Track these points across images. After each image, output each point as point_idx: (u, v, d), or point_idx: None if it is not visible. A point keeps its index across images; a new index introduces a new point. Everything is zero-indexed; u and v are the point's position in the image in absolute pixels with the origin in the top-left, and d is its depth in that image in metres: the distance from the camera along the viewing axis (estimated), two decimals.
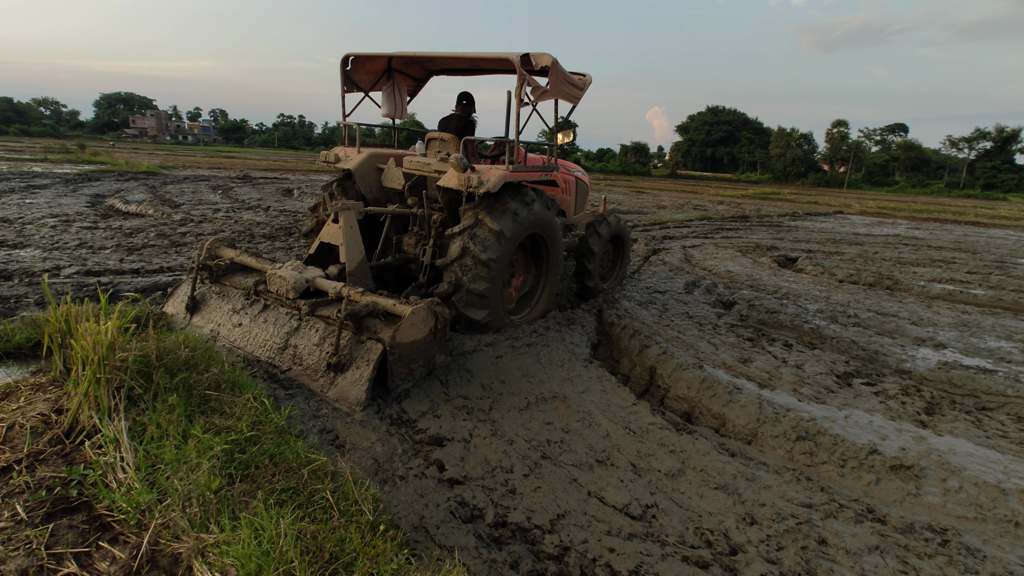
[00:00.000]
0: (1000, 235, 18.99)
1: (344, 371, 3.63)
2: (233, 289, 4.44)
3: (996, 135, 61.55)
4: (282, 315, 4.08)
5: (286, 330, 3.98)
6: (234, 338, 4.15)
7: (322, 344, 3.80)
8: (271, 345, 3.93)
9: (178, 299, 4.69)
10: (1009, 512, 2.92)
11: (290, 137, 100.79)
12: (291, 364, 3.82)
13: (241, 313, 4.24)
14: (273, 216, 11.75)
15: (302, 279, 4.12)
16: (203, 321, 4.41)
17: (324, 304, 4.04)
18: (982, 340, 6.02)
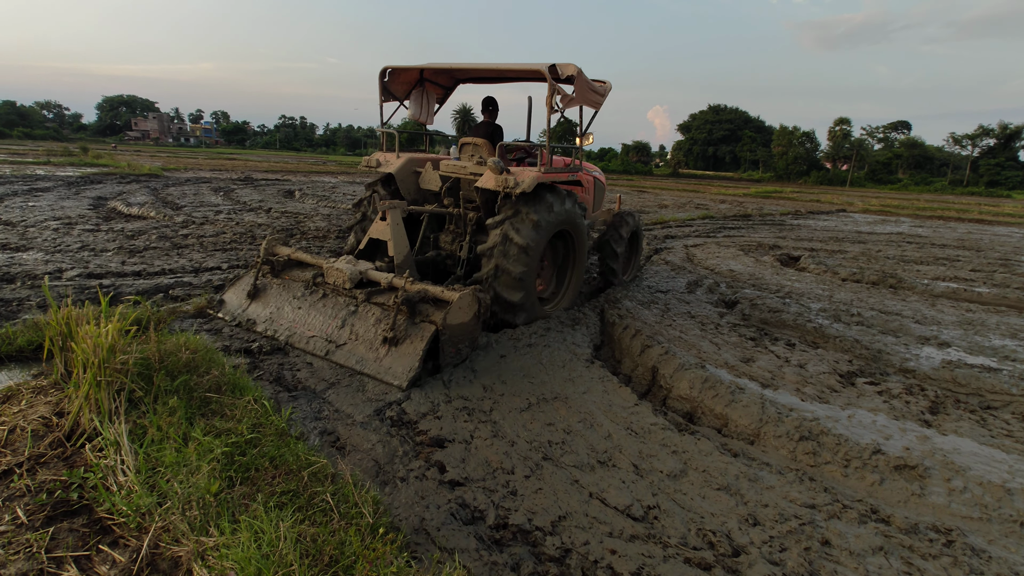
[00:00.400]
0: (1004, 232, 18.90)
1: (398, 345, 4.11)
2: (292, 281, 4.98)
3: (1000, 132, 61.31)
4: (339, 302, 4.60)
5: (343, 314, 4.50)
6: (290, 318, 4.71)
7: (378, 325, 4.30)
8: (329, 326, 4.49)
9: (239, 288, 5.18)
10: (1015, 512, 2.90)
11: (291, 139, 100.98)
12: (347, 339, 4.35)
13: (301, 299, 4.79)
14: (274, 218, 11.77)
15: (356, 271, 4.66)
16: (261, 307, 4.94)
17: (378, 293, 4.55)
18: (986, 338, 5.98)
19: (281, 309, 4.81)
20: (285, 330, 4.64)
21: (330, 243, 9.21)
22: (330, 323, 4.50)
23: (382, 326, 4.25)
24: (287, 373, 4.04)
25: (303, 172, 29.76)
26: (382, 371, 4.01)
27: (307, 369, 4.14)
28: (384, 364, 4.06)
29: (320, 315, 4.60)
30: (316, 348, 4.38)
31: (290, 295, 4.87)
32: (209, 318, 4.94)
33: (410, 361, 3.97)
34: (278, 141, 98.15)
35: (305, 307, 4.72)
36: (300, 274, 5.02)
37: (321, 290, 4.75)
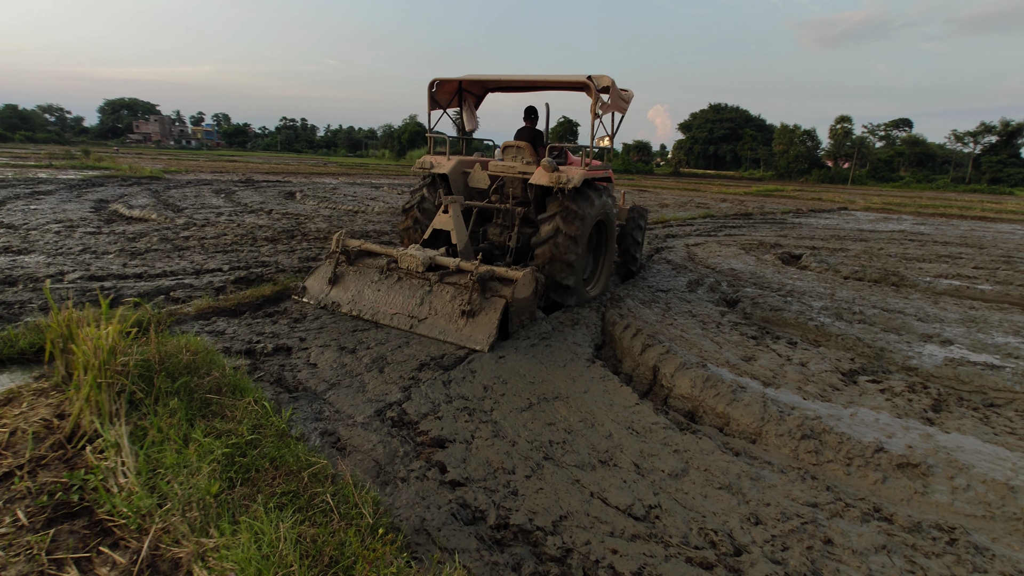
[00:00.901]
0: (1007, 229, 18.84)
1: (475, 317, 4.85)
2: (366, 268, 5.68)
3: (1001, 129, 61.10)
4: (414, 284, 5.32)
5: (420, 293, 5.22)
6: (372, 299, 5.42)
7: (453, 301, 5.03)
8: (409, 304, 5.21)
9: (319, 276, 5.87)
10: (1018, 510, 2.88)
11: (292, 140, 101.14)
12: (428, 314, 5.06)
13: (378, 283, 5.49)
14: (275, 219, 11.78)
15: (427, 256, 5.35)
16: (342, 291, 5.62)
17: (448, 274, 5.26)
18: (989, 336, 5.96)
19: (361, 292, 5.51)
20: (369, 309, 5.33)
21: (330, 244, 9.21)
22: (410, 301, 5.21)
23: (458, 302, 4.98)
24: (288, 374, 4.04)
25: (304, 173, 29.79)
26: (464, 338, 4.75)
27: (308, 370, 4.14)
28: (465, 333, 4.80)
29: (399, 295, 5.31)
30: (400, 323, 5.10)
31: (367, 280, 5.57)
32: (209, 321, 4.95)
33: (488, 329, 4.73)
34: (279, 143, 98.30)
35: (384, 289, 5.42)
36: (372, 262, 5.75)
37: (396, 274, 5.46)
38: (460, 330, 4.82)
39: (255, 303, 5.60)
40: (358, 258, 5.86)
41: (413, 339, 4.85)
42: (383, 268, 5.53)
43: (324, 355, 4.41)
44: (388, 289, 5.39)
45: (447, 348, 4.69)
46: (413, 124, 73.74)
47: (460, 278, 5.18)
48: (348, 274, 5.72)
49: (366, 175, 32.42)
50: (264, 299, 5.73)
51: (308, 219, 12.09)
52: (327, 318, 5.25)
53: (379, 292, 5.41)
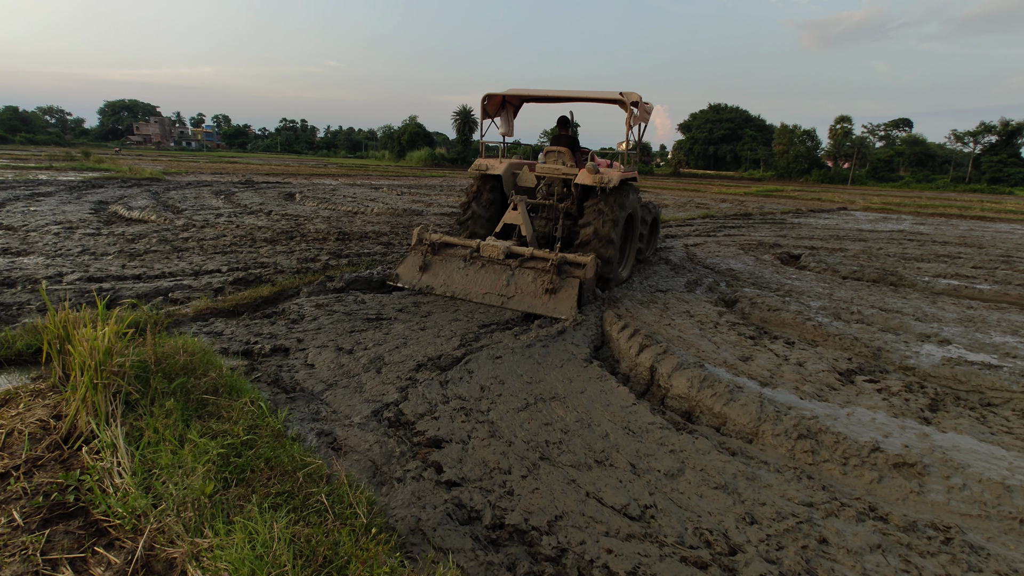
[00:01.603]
0: (1006, 229, 18.83)
1: (556, 293, 5.87)
2: (450, 256, 6.60)
3: (1001, 129, 61.05)
4: (497, 269, 6.29)
5: (505, 276, 6.20)
6: (461, 283, 6.34)
7: (535, 281, 6.04)
8: (497, 285, 6.19)
9: (409, 264, 6.78)
10: (1014, 509, 2.88)
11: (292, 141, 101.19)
12: (513, 292, 6.06)
13: (464, 269, 6.42)
14: (275, 220, 11.79)
15: (506, 246, 6.36)
16: (432, 276, 6.55)
17: (525, 261, 6.26)
18: (987, 335, 5.96)
19: (451, 276, 6.44)
20: (461, 291, 6.28)
21: (330, 245, 9.22)
22: (496, 283, 6.19)
23: (540, 282, 6.00)
24: (285, 375, 4.04)
25: (304, 174, 29.80)
26: (550, 310, 5.77)
27: (305, 370, 4.15)
28: (550, 306, 5.80)
29: (485, 278, 6.28)
30: (492, 300, 6.09)
31: (454, 267, 6.50)
32: (207, 322, 4.96)
33: (570, 302, 5.75)
34: (279, 144, 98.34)
35: (471, 274, 6.36)
36: (453, 252, 6.66)
37: (479, 262, 6.39)
38: (546, 304, 5.85)
39: (253, 304, 5.61)
40: (440, 249, 6.75)
41: (411, 340, 4.86)
42: (466, 256, 6.49)
43: (322, 356, 4.41)
44: (475, 274, 6.37)
45: (444, 349, 4.70)
46: (413, 125, 73.74)
47: (537, 263, 6.20)
48: (435, 262, 6.64)
49: (366, 176, 32.43)
50: (262, 300, 5.74)
51: (307, 220, 12.09)
52: (324, 319, 5.25)
53: (467, 276, 6.39)
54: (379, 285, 6.78)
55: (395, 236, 10.60)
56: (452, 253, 6.64)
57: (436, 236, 6.76)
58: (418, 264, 6.68)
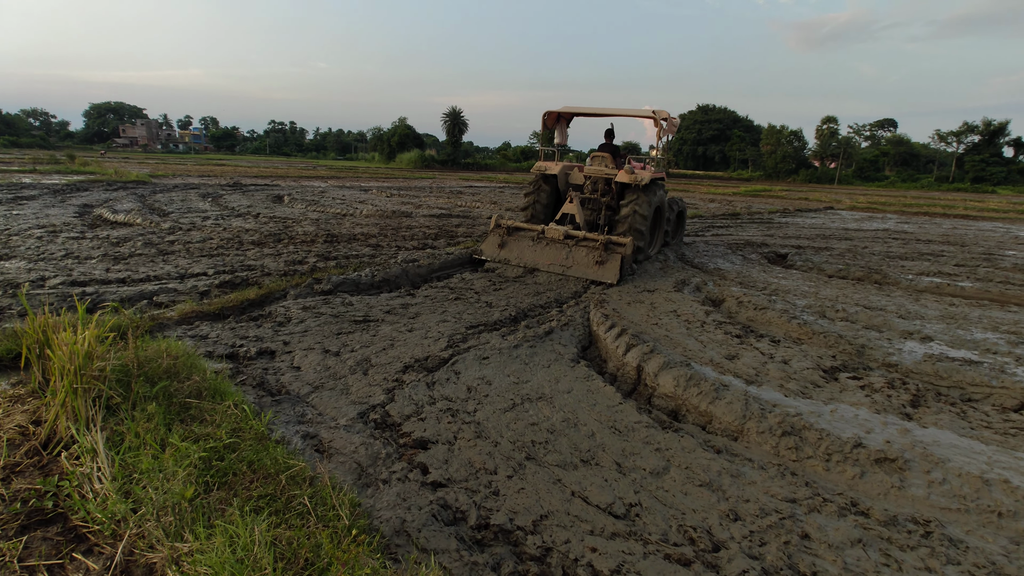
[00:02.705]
0: (988, 227, 19.12)
1: (604, 265, 7.70)
2: (520, 237, 8.51)
3: (984, 128, 62.02)
4: (558, 246, 8.12)
5: (565, 252, 8.02)
6: (532, 257, 8.19)
7: (588, 256, 7.86)
8: (559, 258, 8.00)
9: (490, 243, 8.66)
10: (992, 503, 2.93)
11: (281, 143, 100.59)
12: (571, 263, 7.87)
13: (533, 247, 8.29)
14: (262, 223, 11.71)
15: (564, 230, 8.14)
16: (508, 252, 8.42)
17: (580, 241, 8.07)
18: (968, 332, 6.05)
19: (523, 252, 8.32)
20: (531, 261, 8.15)
21: (318, 247, 9.17)
22: (558, 257, 8.03)
23: (591, 256, 7.82)
24: (271, 378, 4.02)
25: (293, 177, 29.63)
26: (600, 276, 7.60)
27: (291, 373, 4.13)
28: (600, 273, 7.65)
29: (550, 253, 8.12)
30: (555, 270, 7.91)
31: (524, 245, 8.39)
32: (192, 326, 4.92)
33: (615, 271, 7.60)
34: (268, 146, 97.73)
35: (539, 250, 8.22)
36: (523, 234, 8.55)
37: (544, 241, 8.26)
38: (596, 272, 7.69)
39: (240, 307, 5.57)
40: (512, 231, 8.65)
41: (398, 341, 4.84)
42: (534, 237, 8.38)
43: (308, 358, 4.39)
44: (541, 250, 8.21)
45: (431, 350, 4.69)
46: (402, 127, 73.51)
47: (588, 243, 8.00)
48: (509, 241, 8.54)
49: (355, 178, 32.31)
50: (249, 303, 5.70)
51: (296, 223, 12.02)
52: (311, 321, 5.23)
53: (535, 252, 8.25)
54: (367, 287, 6.76)
55: (384, 238, 10.57)
56: (522, 235, 8.53)
57: (509, 222, 8.70)
58: (497, 243, 8.58)
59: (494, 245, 8.59)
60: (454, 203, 18.94)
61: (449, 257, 8.55)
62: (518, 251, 8.36)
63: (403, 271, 7.50)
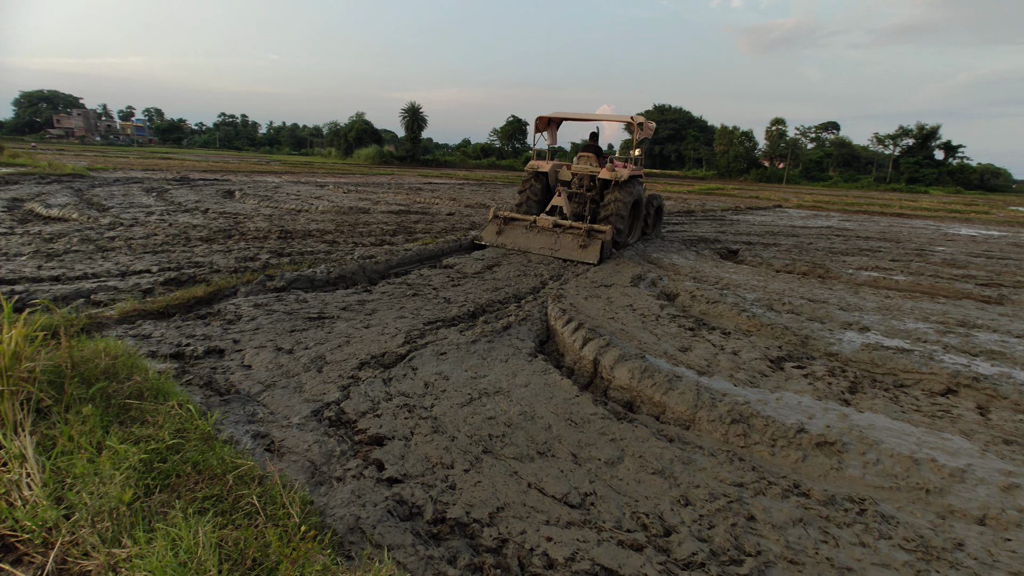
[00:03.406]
0: (921, 225, 20.34)
1: (586, 248, 8.95)
2: (515, 226, 9.81)
3: (917, 132, 65.84)
4: (547, 233, 9.41)
5: (553, 238, 9.30)
6: (525, 242, 9.48)
7: (573, 241, 9.11)
8: (547, 244, 9.28)
9: (489, 230, 9.99)
10: (920, 480, 3.13)
11: (232, 137, 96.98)
12: (559, 247, 9.11)
13: (526, 233, 9.60)
14: (212, 219, 11.26)
15: (553, 220, 9.45)
16: (505, 238, 9.72)
17: (566, 229, 9.33)
18: (902, 322, 6.42)
19: (518, 238, 9.65)
20: (524, 246, 9.48)
21: (271, 243, 8.90)
22: (547, 242, 9.35)
23: (576, 241, 9.11)
24: (219, 377, 3.88)
25: (244, 172, 28.62)
26: (582, 258, 8.89)
27: (241, 372, 3.99)
28: (583, 255, 8.92)
29: (540, 239, 9.45)
30: (545, 252, 9.22)
31: (519, 232, 9.72)
32: (134, 325, 4.69)
33: (595, 254, 8.85)
34: (218, 140, 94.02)
35: (531, 236, 9.56)
36: (517, 223, 9.87)
37: (536, 229, 9.59)
38: (580, 254, 9.00)
39: (186, 304, 5.35)
40: (508, 221, 9.99)
41: (354, 338, 4.76)
42: (527, 226, 9.72)
43: (259, 356, 4.26)
44: (533, 236, 9.55)
45: (388, 347, 4.63)
46: (360, 122, 72.07)
47: (574, 231, 9.30)
48: (506, 229, 9.87)
49: (311, 174, 31.48)
50: (196, 300, 5.48)
51: (247, 218, 11.63)
52: (263, 318, 5.07)
53: (528, 238, 9.58)
54: (323, 284, 6.61)
55: (340, 234, 10.35)
56: (517, 224, 9.87)
57: (506, 213, 10.14)
58: (495, 230, 9.93)
59: (492, 232, 9.94)
60: (413, 199, 18.73)
61: (407, 254, 8.45)
62: (513, 237, 9.69)
63: (360, 267, 7.37)
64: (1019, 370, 4.99)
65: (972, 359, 5.21)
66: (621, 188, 9.93)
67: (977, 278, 9.47)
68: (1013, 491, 3.04)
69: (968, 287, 8.51)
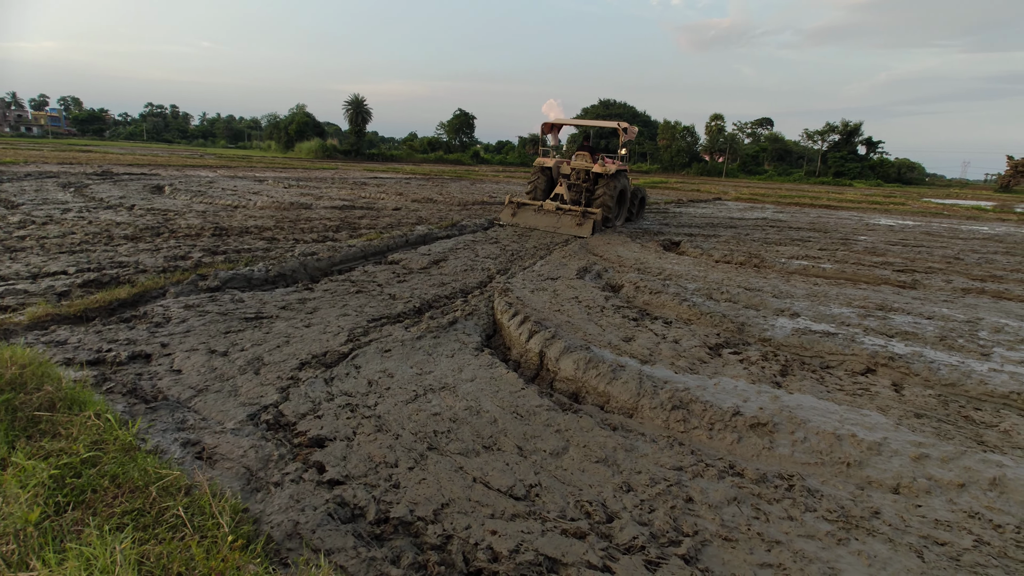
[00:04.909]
0: (846, 216, 21.67)
1: (581, 226, 11.76)
2: (527, 208, 12.70)
3: (842, 128, 69.98)
4: (552, 214, 12.26)
5: (556, 218, 12.16)
6: (536, 222, 12.29)
7: (571, 220, 11.93)
8: (551, 223, 12.09)
9: (506, 212, 12.83)
10: (842, 455, 3.33)
11: (161, 129, 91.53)
12: (560, 225, 11.95)
13: (537, 215, 12.45)
14: (138, 216, 10.59)
15: (556, 204, 12.27)
16: (520, 218, 12.55)
17: (567, 211, 12.14)
18: (828, 308, 6.82)
19: (528, 218, 12.46)
20: (534, 224, 12.23)
21: (204, 241, 8.46)
22: (551, 221, 12.10)
23: (574, 220, 11.86)
24: (145, 383, 3.65)
25: (176, 165, 27.08)
26: (579, 232, 11.56)
27: (170, 377, 3.78)
28: (579, 231, 11.60)
29: (546, 220, 12.21)
30: (549, 229, 11.98)
31: (529, 214, 12.56)
32: (47, 331, 4.35)
33: (588, 230, 11.55)
34: (145, 131, 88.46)
35: (540, 216, 12.36)
36: (528, 206, 12.70)
37: (543, 211, 12.37)
38: (577, 230, 11.68)
39: (108, 307, 5.00)
40: (521, 206, 12.86)
41: (294, 337, 4.60)
42: (536, 209, 12.58)
43: (191, 360, 4.05)
44: (541, 217, 12.38)
45: (330, 345, 4.50)
46: (301, 114, 69.59)
47: (572, 212, 12.06)
48: (520, 211, 12.75)
49: (249, 168, 30.15)
50: (119, 303, 5.14)
51: (178, 215, 11.01)
52: (195, 320, 4.82)
53: (536, 218, 12.43)
54: (261, 282, 6.35)
55: (280, 231, 9.96)
56: (527, 207, 12.79)
57: (519, 198, 13.04)
58: (511, 212, 12.81)
59: (509, 214, 12.85)
60: (357, 194, 18.27)
61: (351, 250, 8.24)
62: (525, 218, 12.59)
63: (301, 264, 7.12)
64: (929, 349, 5.41)
65: (889, 340, 5.60)
66: (609, 180, 12.71)
67: (894, 265, 10.18)
68: (923, 461, 3.29)
69: (886, 273, 9.14)
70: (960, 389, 4.50)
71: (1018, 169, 63.54)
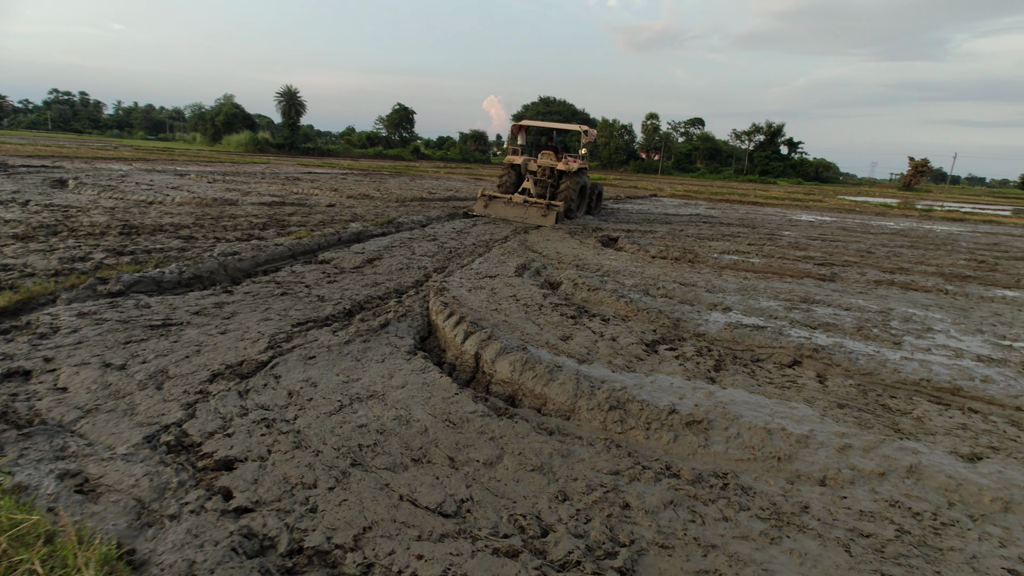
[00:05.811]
0: (772, 212, 22.80)
1: (546, 216, 13.29)
2: (497, 200, 14.14)
3: (766, 129, 73.98)
4: (520, 206, 13.76)
5: (523, 210, 13.68)
6: (506, 213, 13.85)
7: (537, 211, 13.45)
8: (519, 214, 13.65)
9: (479, 204, 14.31)
10: (773, 449, 3.36)
11: (69, 118, 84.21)
12: (527, 216, 13.51)
13: (506, 206, 13.95)
14: (32, 212, 9.55)
15: (524, 197, 13.82)
16: (492, 210, 14.05)
17: (533, 203, 13.61)
18: (757, 301, 7.04)
19: (499, 210, 13.95)
20: (504, 215, 13.79)
21: (109, 240, 7.70)
22: (519, 213, 13.64)
23: (539, 212, 13.37)
24: (20, 404, 3.19)
25: (84, 157, 24.87)
26: (543, 222, 13.13)
27: (53, 396, 3.33)
28: (544, 221, 13.17)
29: (516, 211, 13.72)
30: (517, 220, 13.50)
31: (499, 205, 14.02)
32: None
33: (552, 220, 13.13)
34: (49, 120, 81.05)
35: (509, 208, 13.84)
36: (499, 199, 14.10)
37: (512, 204, 13.83)
38: (542, 220, 13.14)
39: None
40: (492, 199, 14.11)
41: (207, 346, 4.20)
42: (505, 202, 13.89)
43: (79, 375, 3.59)
44: (511, 209, 13.74)
45: (247, 354, 4.14)
46: (229, 106, 65.88)
47: (538, 205, 13.38)
48: (491, 203, 14.08)
49: (170, 161, 28.15)
50: None
51: (82, 212, 10.03)
52: (89, 330, 4.31)
53: (506, 209, 13.79)
54: (172, 286, 5.81)
55: (200, 229, 9.26)
56: (498, 200, 14.05)
57: (490, 192, 14.32)
58: (483, 204, 14.13)
59: (481, 206, 14.17)
60: (289, 190, 17.40)
61: (278, 249, 7.74)
62: (495, 209, 13.92)
63: (220, 265, 6.60)
64: (848, 339, 5.66)
65: (812, 332, 5.83)
66: (571, 177, 14.52)
67: (815, 259, 10.73)
68: (846, 451, 3.38)
69: (808, 267, 9.60)
70: (876, 378, 4.71)
71: (918, 169, 69.75)
